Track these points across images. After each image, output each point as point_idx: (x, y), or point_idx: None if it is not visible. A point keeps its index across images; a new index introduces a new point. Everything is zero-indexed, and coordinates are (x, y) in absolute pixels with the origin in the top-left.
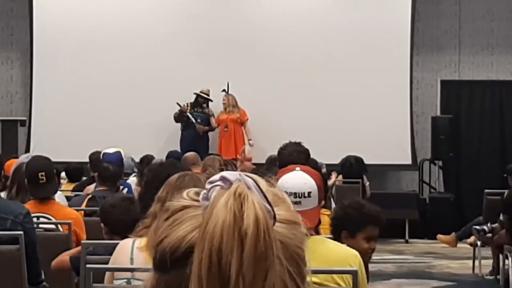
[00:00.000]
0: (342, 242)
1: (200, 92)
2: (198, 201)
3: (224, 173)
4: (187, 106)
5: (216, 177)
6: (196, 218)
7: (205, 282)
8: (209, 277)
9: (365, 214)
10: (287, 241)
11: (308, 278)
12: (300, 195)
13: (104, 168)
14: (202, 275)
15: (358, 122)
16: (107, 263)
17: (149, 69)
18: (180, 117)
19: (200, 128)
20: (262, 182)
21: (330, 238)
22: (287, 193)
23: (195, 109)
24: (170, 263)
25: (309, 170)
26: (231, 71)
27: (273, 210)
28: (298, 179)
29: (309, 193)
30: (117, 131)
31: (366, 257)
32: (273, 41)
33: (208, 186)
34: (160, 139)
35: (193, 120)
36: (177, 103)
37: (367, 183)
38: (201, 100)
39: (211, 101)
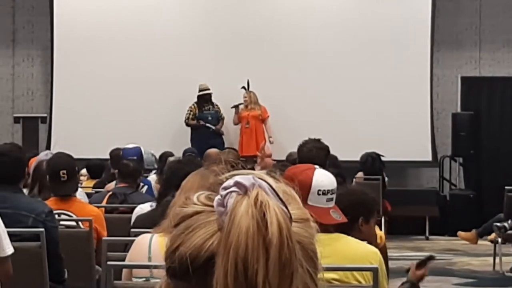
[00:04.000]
0: (357, 228)
1: (200, 91)
2: (210, 206)
3: (238, 178)
4: (195, 108)
5: (230, 182)
6: (211, 224)
7: None
8: (235, 287)
9: (374, 200)
10: (303, 241)
11: (319, 275)
12: (333, 192)
13: (124, 165)
14: (228, 285)
15: (378, 118)
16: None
17: (169, 66)
18: (196, 125)
19: (218, 129)
20: (273, 182)
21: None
22: (325, 191)
23: (203, 108)
24: (192, 271)
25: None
26: (250, 68)
27: (288, 212)
28: (328, 176)
29: (336, 188)
30: (137, 127)
31: (375, 242)
32: (292, 37)
33: (223, 192)
34: (180, 136)
35: (212, 128)
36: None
37: (386, 179)
38: (206, 97)
39: (212, 93)
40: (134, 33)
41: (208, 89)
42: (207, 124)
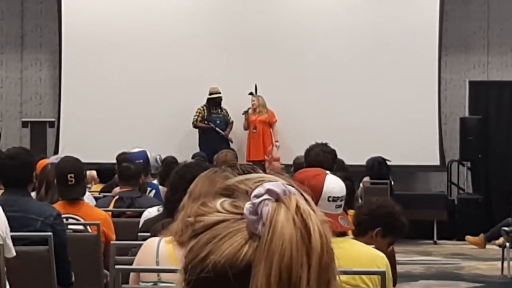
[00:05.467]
0: (369, 236)
1: (210, 94)
2: (236, 213)
3: (268, 185)
4: (203, 110)
5: (261, 190)
6: (241, 232)
7: None
8: None
9: (404, 225)
10: (330, 242)
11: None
12: (343, 199)
13: (125, 168)
14: None
15: (386, 122)
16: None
17: (177, 70)
18: (206, 129)
19: (226, 135)
20: (297, 186)
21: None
22: (335, 198)
23: (212, 112)
24: (233, 278)
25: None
26: (258, 72)
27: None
28: (339, 182)
29: (345, 194)
30: (146, 131)
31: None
32: (299, 41)
33: (255, 200)
34: (188, 140)
35: (222, 133)
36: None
37: (392, 183)
38: (217, 100)
39: (222, 96)
40: (142, 37)
41: (219, 93)
42: (217, 128)
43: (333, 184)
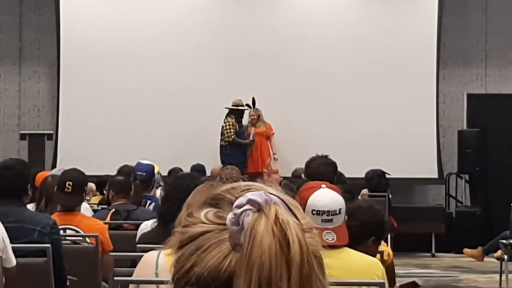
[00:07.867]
0: (364, 245)
1: (238, 106)
2: (220, 224)
3: (250, 195)
4: (235, 123)
5: (243, 200)
6: (224, 243)
7: None
8: None
9: (389, 225)
10: (315, 250)
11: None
12: (332, 213)
13: (117, 181)
14: None
15: (384, 135)
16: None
17: (176, 82)
18: (247, 143)
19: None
20: (280, 194)
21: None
22: (319, 212)
23: (239, 125)
24: None
25: (333, 187)
26: (256, 84)
27: (301, 224)
28: (328, 197)
29: (339, 210)
30: (145, 144)
31: None
32: (298, 53)
33: (237, 210)
34: (190, 152)
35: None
36: None
37: (390, 196)
38: (242, 113)
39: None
40: (140, 49)
41: (242, 105)
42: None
43: (320, 198)
